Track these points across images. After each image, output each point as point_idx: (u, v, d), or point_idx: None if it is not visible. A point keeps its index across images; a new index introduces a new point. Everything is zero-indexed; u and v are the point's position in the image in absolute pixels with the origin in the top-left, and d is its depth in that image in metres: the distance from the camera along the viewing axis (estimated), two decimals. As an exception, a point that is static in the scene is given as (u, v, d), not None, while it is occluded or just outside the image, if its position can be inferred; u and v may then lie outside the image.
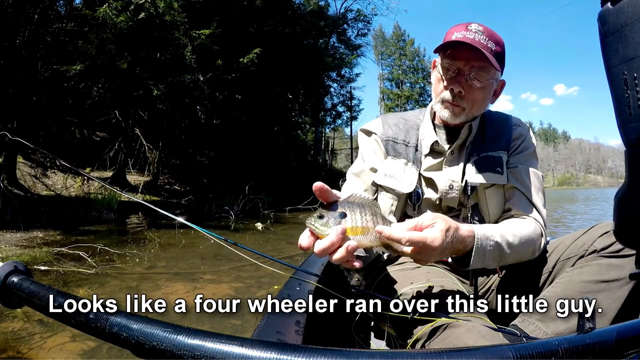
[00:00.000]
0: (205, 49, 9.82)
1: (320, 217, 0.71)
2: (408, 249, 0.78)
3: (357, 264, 0.74)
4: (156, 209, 1.32)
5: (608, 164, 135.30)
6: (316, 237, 0.72)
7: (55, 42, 10.86)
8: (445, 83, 1.10)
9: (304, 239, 0.72)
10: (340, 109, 26.00)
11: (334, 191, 0.75)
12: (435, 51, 1.10)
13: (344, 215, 0.72)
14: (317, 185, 0.71)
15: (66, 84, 8.49)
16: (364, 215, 0.75)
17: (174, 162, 14.40)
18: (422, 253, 0.78)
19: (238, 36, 11.78)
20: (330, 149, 30.36)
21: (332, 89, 23.71)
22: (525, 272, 1.14)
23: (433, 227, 0.79)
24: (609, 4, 0.36)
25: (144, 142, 10.63)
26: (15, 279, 0.61)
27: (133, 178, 11.92)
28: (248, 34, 12.27)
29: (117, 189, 1.74)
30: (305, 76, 14.18)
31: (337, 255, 0.71)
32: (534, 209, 1.08)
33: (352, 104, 27.11)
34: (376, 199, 1.20)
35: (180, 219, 1.22)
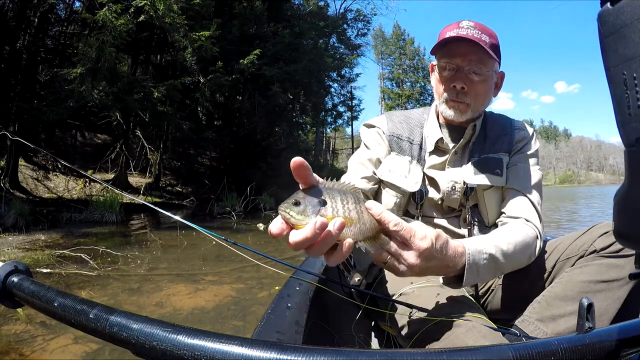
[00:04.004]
0: (205, 50, 9.82)
1: (297, 204, 0.59)
2: (392, 247, 0.70)
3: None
4: (157, 208, 1.33)
5: (609, 162, 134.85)
6: (289, 226, 0.59)
7: (56, 45, 10.91)
8: (446, 82, 1.09)
9: (276, 225, 0.59)
10: (341, 108, 26.04)
11: (316, 176, 0.65)
12: (432, 53, 1.10)
13: (324, 203, 0.61)
14: (297, 160, 0.59)
15: (67, 87, 8.50)
16: (345, 204, 0.64)
17: (175, 163, 14.43)
18: (406, 253, 0.70)
19: (238, 38, 11.78)
20: (331, 149, 30.36)
21: (332, 89, 23.74)
22: (524, 272, 1.14)
23: (423, 231, 0.72)
24: (608, 4, 0.36)
25: (145, 144, 10.65)
26: (15, 279, 0.61)
27: (135, 180, 11.95)
28: (248, 35, 12.28)
29: (118, 190, 1.74)
30: (305, 76, 14.17)
31: (314, 252, 0.61)
32: (530, 211, 1.07)
33: (353, 104, 27.15)
34: (378, 189, 1.19)
35: (180, 219, 1.22)
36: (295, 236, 0.57)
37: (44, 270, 3.57)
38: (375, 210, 0.67)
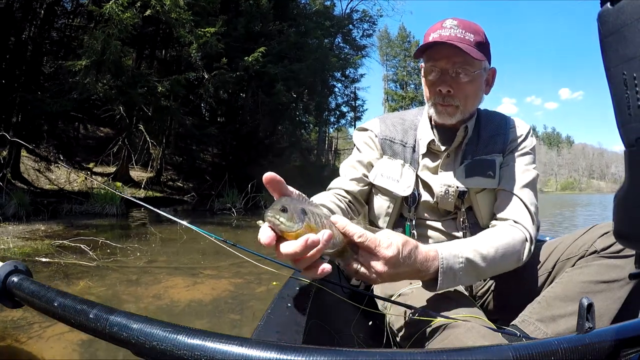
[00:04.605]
0: (211, 47, 9.83)
1: (284, 210, 0.59)
2: (360, 257, 0.72)
3: (326, 268, 0.65)
4: (157, 210, 1.33)
5: (611, 170, 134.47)
6: (276, 232, 0.60)
7: (61, 37, 10.94)
8: (432, 86, 1.08)
9: (266, 234, 0.59)
10: (344, 109, 26.02)
11: (290, 187, 0.66)
12: (415, 57, 1.08)
13: (305, 212, 0.62)
14: (268, 176, 0.61)
15: (71, 79, 8.52)
16: (320, 218, 0.65)
17: (177, 159, 14.45)
18: (374, 261, 0.71)
19: (243, 35, 11.80)
20: (333, 149, 30.37)
21: (336, 89, 23.72)
22: (524, 272, 1.13)
23: (389, 239, 0.73)
24: (608, 4, 0.36)
25: (148, 139, 10.67)
26: (15, 279, 0.62)
27: (136, 174, 11.97)
28: (253, 32, 12.29)
29: (117, 191, 1.75)
30: (309, 76, 14.17)
31: (302, 264, 0.63)
32: (520, 211, 1.04)
33: (356, 105, 27.16)
34: (370, 194, 1.20)
35: (184, 222, 1.22)
36: (287, 248, 0.59)
37: (43, 260, 3.57)
38: (340, 224, 0.69)
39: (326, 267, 0.65)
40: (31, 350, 1.87)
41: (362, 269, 0.72)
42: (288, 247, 0.59)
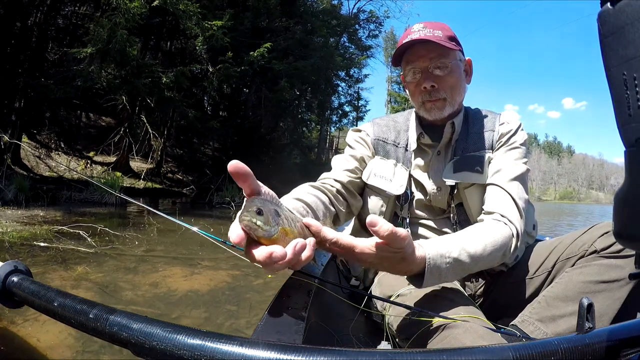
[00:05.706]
0: (216, 40, 9.82)
1: (260, 213, 0.56)
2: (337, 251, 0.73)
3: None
4: (156, 211, 1.33)
5: (611, 181, 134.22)
6: (248, 235, 0.57)
7: (67, 25, 10.92)
8: (416, 86, 1.11)
9: (236, 232, 0.57)
10: (347, 108, 26.00)
11: (260, 183, 0.63)
12: (394, 65, 1.13)
13: (277, 214, 0.60)
14: (235, 164, 0.58)
15: (76, 67, 8.52)
16: (294, 222, 0.64)
17: (178, 151, 14.45)
18: (349, 257, 0.74)
19: (249, 30, 11.79)
20: (334, 148, 30.37)
21: (339, 88, 23.69)
22: (524, 272, 1.13)
23: (364, 243, 0.73)
24: (608, 4, 0.36)
25: (150, 130, 10.65)
26: (15, 279, 0.62)
27: (136, 165, 11.96)
28: (259, 28, 12.28)
29: (116, 193, 1.75)
30: (313, 74, 14.16)
31: (275, 269, 0.60)
32: (507, 205, 1.02)
33: (359, 104, 27.14)
34: (363, 194, 1.21)
35: (183, 223, 1.23)
36: (260, 254, 0.56)
37: (42, 244, 3.58)
38: (314, 228, 0.69)
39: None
40: (27, 333, 1.86)
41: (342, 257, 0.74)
42: (261, 254, 0.57)
